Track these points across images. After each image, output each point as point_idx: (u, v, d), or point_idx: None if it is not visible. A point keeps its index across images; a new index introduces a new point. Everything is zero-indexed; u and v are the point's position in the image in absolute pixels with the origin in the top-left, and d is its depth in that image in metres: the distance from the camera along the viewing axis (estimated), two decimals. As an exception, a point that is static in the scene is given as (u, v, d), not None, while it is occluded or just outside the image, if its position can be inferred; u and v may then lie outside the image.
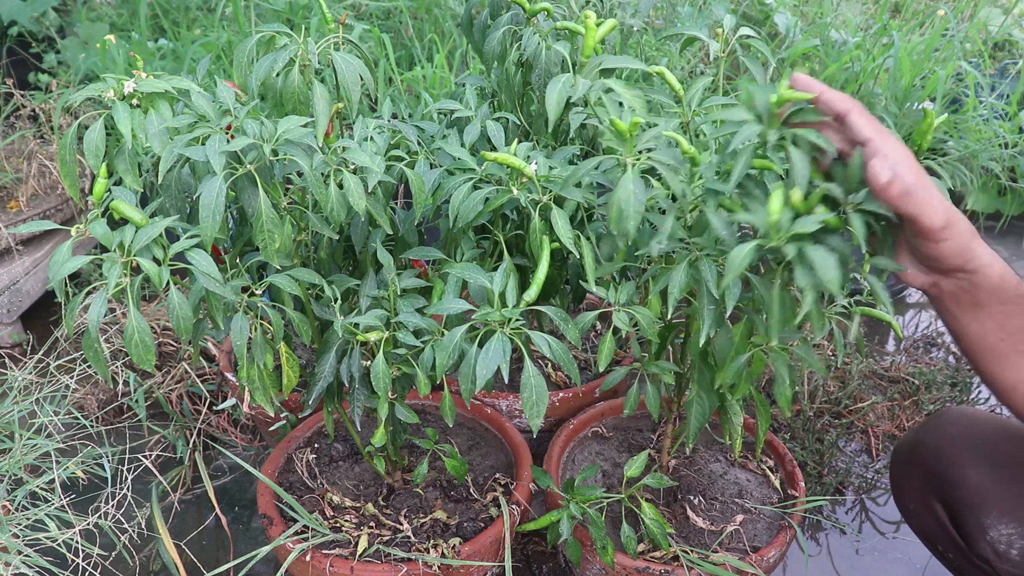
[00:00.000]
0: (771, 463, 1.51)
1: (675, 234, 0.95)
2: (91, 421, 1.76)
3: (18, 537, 1.37)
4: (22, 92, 2.40)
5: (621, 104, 1.04)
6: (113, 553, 1.55)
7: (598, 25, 1.10)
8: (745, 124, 0.90)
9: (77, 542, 1.40)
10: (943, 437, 1.25)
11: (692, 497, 1.43)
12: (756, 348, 1.07)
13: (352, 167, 0.99)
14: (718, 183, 0.93)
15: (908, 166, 0.86)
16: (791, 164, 0.88)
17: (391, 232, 1.08)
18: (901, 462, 1.32)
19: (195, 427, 1.87)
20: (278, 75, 1.04)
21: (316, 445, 1.53)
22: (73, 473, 1.52)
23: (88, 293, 0.93)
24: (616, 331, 1.10)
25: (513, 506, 1.35)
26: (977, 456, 1.20)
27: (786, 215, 0.87)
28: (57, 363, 1.74)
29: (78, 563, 1.41)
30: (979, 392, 2.05)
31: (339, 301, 1.09)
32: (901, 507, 1.33)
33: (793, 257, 0.86)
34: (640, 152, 0.94)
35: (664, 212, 1.04)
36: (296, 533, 1.29)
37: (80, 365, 1.77)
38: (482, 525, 1.35)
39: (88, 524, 1.43)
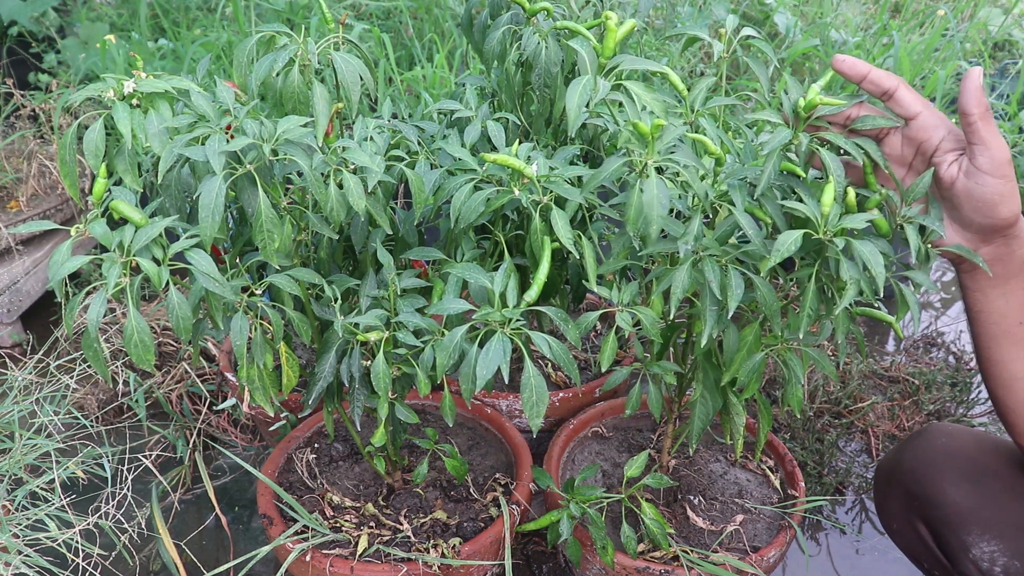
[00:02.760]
0: (771, 463, 1.51)
1: (699, 235, 0.97)
2: (91, 421, 1.76)
3: (18, 537, 1.37)
4: (22, 92, 2.40)
5: (644, 107, 1.04)
6: (113, 553, 1.55)
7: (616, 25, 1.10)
8: (778, 127, 0.95)
9: (77, 542, 1.40)
10: (921, 456, 1.24)
11: (692, 497, 1.43)
12: (769, 348, 1.07)
13: (352, 167, 0.99)
14: (743, 184, 0.96)
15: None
16: (825, 166, 0.93)
17: (391, 232, 1.08)
18: (882, 482, 1.32)
19: (195, 427, 1.87)
20: (278, 75, 1.03)
21: (316, 445, 1.53)
22: (73, 473, 1.52)
23: (88, 293, 0.93)
24: (618, 331, 1.10)
25: (513, 506, 1.35)
26: (956, 474, 1.19)
27: (835, 210, 0.92)
28: (57, 363, 1.74)
29: (78, 563, 1.41)
30: (978, 393, 2.05)
31: (339, 301, 1.09)
32: (886, 526, 1.33)
33: (840, 249, 0.90)
34: (660, 154, 0.95)
35: (671, 212, 1.05)
36: (296, 533, 1.29)
37: (80, 365, 1.77)
38: (482, 525, 1.35)
39: (88, 524, 1.43)
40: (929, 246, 1.00)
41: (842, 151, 1.02)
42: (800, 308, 0.96)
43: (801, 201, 0.94)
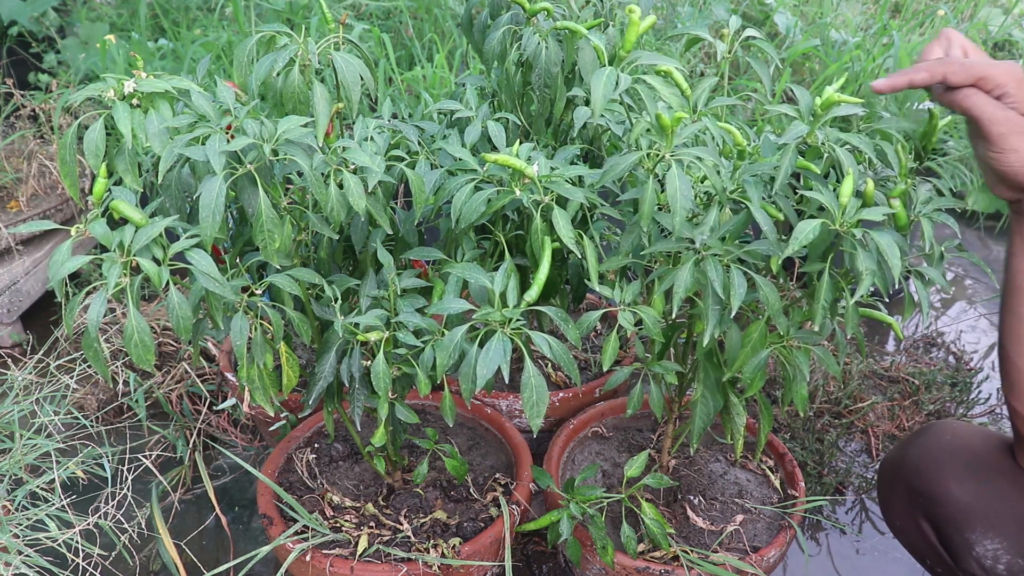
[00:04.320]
0: (771, 463, 1.51)
1: (715, 226, 0.97)
2: (91, 421, 1.76)
3: (18, 537, 1.37)
4: (22, 92, 2.40)
5: (658, 100, 1.04)
6: (113, 553, 1.55)
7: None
8: (793, 122, 0.96)
9: (77, 542, 1.40)
10: (925, 454, 1.24)
11: (692, 497, 1.43)
12: (775, 346, 1.07)
13: (352, 167, 0.99)
14: (758, 180, 0.97)
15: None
16: (839, 163, 0.95)
17: (391, 232, 1.08)
18: (886, 479, 1.32)
19: (195, 427, 1.86)
20: (278, 75, 1.03)
21: (316, 445, 1.53)
22: (73, 473, 1.52)
23: (88, 293, 0.93)
24: (620, 330, 1.10)
25: (513, 506, 1.35)
26: (960, 472, 1.19)
27: (854, 202, 0.94)
28: (57, 363, 1.74)
29: (78, 563, 1.41)
30: (978, 392, 2.05)
31: (339, 301, 1.09)
32: (889, 523, 1.33)
33: (857, 240, 0.92)
34: (677, 148, 0.96)
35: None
36: (296, 533, 1.29)
37: (80, 365, 1.77)
38: (482, 525, 1.35)
39: (88, 524, 1.43)
40: (943, 248, 1.01)
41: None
42: (815, 300, 0.97)
43: (816, 191, 0.95)
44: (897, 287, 1.29)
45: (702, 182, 1.07)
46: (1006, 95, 0.94)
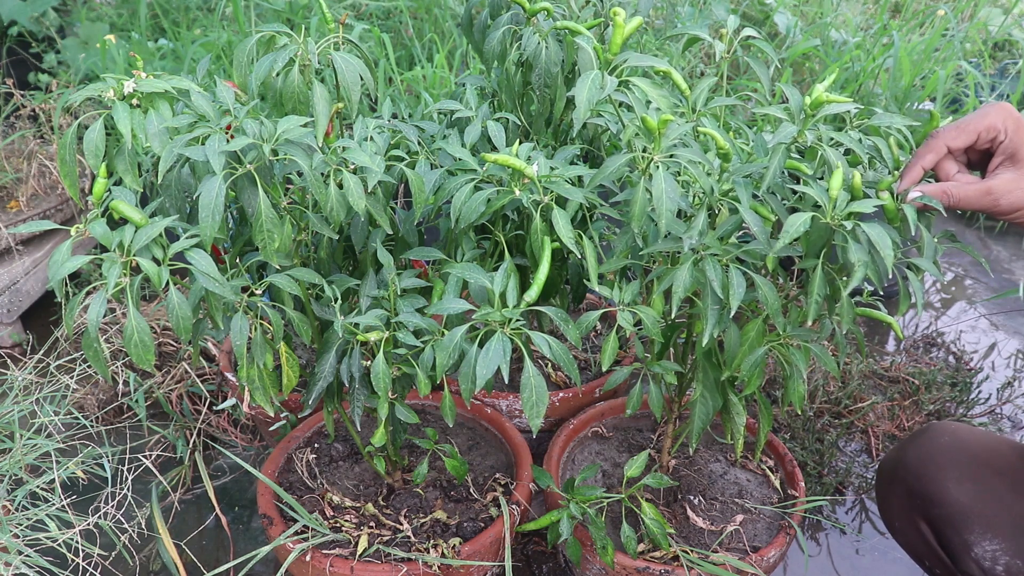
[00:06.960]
0: (771, 463, 1.51)
1: (703, 230, 0.98)
2: (91, 421, 1.76)
3: (18, 537, 1.37)
4: (22, 92, 2.40)
5: (650, 103, 1.04)
6: (113, 553, 1.55)
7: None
8: (783, 123, 0.97)
9: (77, 542, 1.40)
10: (924, 455, 1.24)
11: (692, 497, 1.43)
12: (771, 344, 1.07)
13: (352, 167, 0.99)
14: (747, 181, 0.98)
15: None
16: (828, 163, 0.95)
17: (391, 232, 1.08)
18: (885, 480, 1.32)
19: (195, 427, 1.87)
20: (278, 75, 1.03)
21: (316, 445, 1.53)
22: (73, 473, 1.52)
23: (88, 293, 0.93)
24: (619, 330, 1.10)
25: (513, 506, 1.35)
26: (958, 473, 1.19)
27: (843, 196, 0.95)
28: (57, 363, 1.74)
29: (78, 563, 1.41)
30: (978, 392, 2.05)
31: (339, 301, 1.09)
32: (888, 524, 1.33)
33: (848, 232, 0.92)
34: (665, 150, 0.96)
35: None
36: (296, 533, 1.29)
37: (80, 365, 1.77)
38: (482, 525, 1.35)
39: (88, 524, 1.43)
40: (937, 240, 1.02)
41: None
42: (807, 295, 0.97)
43: (808, 186, 0.96)
44: (892, 280, 1.28)
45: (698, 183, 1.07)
46: (999, 137, 0.97)
